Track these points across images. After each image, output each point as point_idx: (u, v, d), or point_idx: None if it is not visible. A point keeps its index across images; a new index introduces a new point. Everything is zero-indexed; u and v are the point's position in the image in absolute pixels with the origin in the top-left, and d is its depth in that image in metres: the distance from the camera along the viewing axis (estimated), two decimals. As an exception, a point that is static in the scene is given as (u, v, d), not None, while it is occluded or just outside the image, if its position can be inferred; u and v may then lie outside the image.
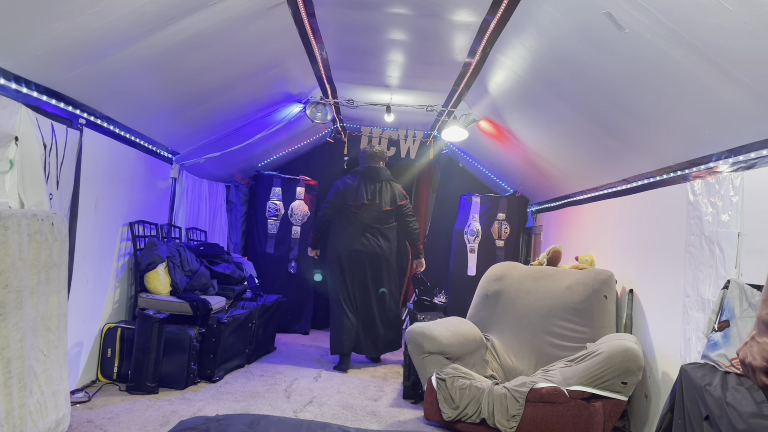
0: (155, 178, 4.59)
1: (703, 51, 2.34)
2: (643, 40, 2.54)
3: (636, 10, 2.41)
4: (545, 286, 4.04)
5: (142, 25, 2.82)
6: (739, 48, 2.20)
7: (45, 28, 2.49)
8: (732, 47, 2.22)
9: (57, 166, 3.08)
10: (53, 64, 2.80)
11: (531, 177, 5.63)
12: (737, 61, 2.28)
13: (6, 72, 2.58)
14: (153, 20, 2.82)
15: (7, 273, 2.38)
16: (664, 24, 2.37)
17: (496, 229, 5.97)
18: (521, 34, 3.32)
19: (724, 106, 2.56)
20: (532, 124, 4.57)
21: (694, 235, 3.01)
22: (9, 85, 2.61)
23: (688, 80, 2.59)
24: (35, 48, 2.61)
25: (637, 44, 2.60)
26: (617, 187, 4.04)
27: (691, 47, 2.36)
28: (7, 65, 2.57)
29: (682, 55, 2.44)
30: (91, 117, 3.42)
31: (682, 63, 2.49)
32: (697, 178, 3.04)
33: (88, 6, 2.46)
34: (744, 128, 2.58)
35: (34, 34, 2.50)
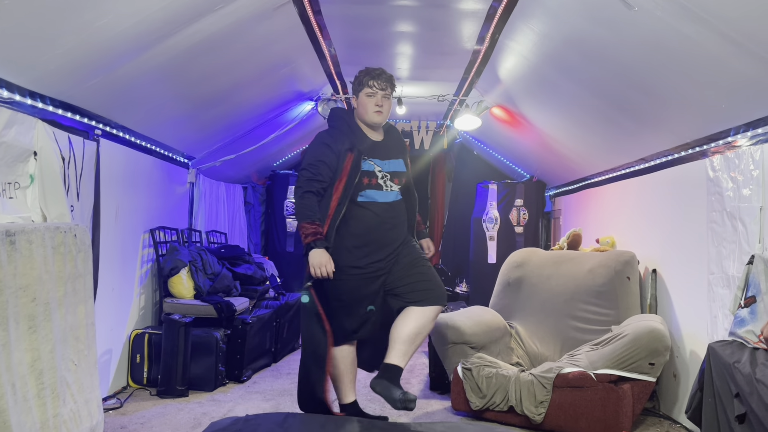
0: (173, 183, 4.64)
1: (715, 25, 2.30)
2: (654, 17, 2.51)
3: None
4: (567, 270, 4.02)
5: (150, 33, 2.84)
6: (752, 20, 2.17)
7: (56, 43, 2.52)
8: (744, 20, 2.18)
9: (76, 178, 3.13)
10: (67, 77, 2.83)
11: (547, 161, 5.58)
12: (750, 34, 2.24)
13: (21, 88, 2.62)
14: (161, 28, 2.84)
15: (34, 286, 2.42)
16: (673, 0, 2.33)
17: (514, 215, 5.94)
18: (529, 18, 3.29)
19: (739, 79, 2.52)
20: (545, 108, 4.54)
21: (716, 212, 2.97)
22: (25, 101, 2.65)
23: (701, 55, 2.55)
24: (48, 63, 2.64)
25: (648, 22, 2.57)
26: (635, 167, 4.00)
27: (702, 22, 2.32)
28: (21, 81, 2.61)
29: (693, 31, 2.40)
30: (106, 127, 3.46)
31: (694, 38, 2.45)
32: (716, 153, 3.00)
33: (97, 18, 2.49)
34: (761, 101, 2.54)
35: (47, 49, 2.54)
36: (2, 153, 2.53)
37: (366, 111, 2.99)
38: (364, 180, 2.95)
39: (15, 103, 2.58)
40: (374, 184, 2.99)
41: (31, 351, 2.40)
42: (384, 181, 3.01)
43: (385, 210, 3.01)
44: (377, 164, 2.99)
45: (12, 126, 2.56)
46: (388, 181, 3.02)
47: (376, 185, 2.99)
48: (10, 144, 2.56)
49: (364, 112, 3.00)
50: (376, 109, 2.96)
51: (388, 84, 3.01)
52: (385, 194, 3.01)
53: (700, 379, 2.62)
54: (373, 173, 2.98)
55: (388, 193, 3.02)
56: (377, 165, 2.99)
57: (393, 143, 3.12)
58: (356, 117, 3.06)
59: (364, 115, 3.00)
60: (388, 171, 3.02)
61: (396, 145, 3.14)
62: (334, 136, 2.97)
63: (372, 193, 2.99)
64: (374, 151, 3.01)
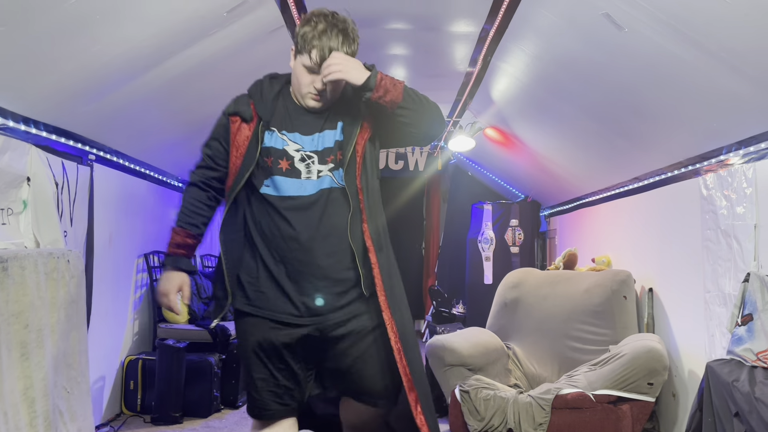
0: (167, 207, 4.63)
1: (705, 45, 2.33)
2: (643, 38, 2.54)
3: (634, 9, 2.41)
4: (563, 290, 4.01)
5: (144, 58, 2.85)
6: (741, 40, 2.19)
7: (50, 69, 2.53)
8: (733, 39, 2.21)
9: (70, 203, 3.11)
10: (60, 103, 2.84)
11: (541, 181, 5.60)
12: (739, 53, 2.26)
13: (15, 114, 2.62)
14: (155, 53, 2.86)
15: (26, 312, 2.40)
16: (662, 21, 2.36)
17: (509, 235, 5.95)
18: (521, 40, 3.32)
19: (730, 98, 2.54)
20: (539, 128, 4.56)
21: (710, 230, 2.98)
22: (18, 127, 2.65)
23: (692, 75, 2.57)
24: (42, 89, 2.65)
25: (638, 42, 2.60)
26: (629, 186, 4.02)
27: (692, 42, 2.35)
28: (15, 108, 2.61)
29: (683, 51, 2.43)
30: (100, 152, 3.45)
31: (684, 58, 2.47)
32: (709, 171, 3.02)
33: (91, 45, 2.50)
34: (752, 119, 2.56)
35: (40, 75, 2.54)
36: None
37: (299, 87, 1.90)
38: (267, 161, 1.88)
39: (8, 129, 2.58)
40: (285, 168, 1.87)
41: (23, 379, 2.36)
42: (305, 166, 1.87)
43: (303, 213, 1.86)
44: (292, 139, 1.89)
45: (5, 152, 2.56)
46: (313, 165, 1.87)
47: (288, 170, 1.87)
48: (3, 170, 2.56)
49: (297, 86, 1.92)
50: (311, 93, 1.88)
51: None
52: (302, 184, 1.87)
53: (699, 398, 2.60)
54: (283, 152, 1.87)
55: (309, 183, 1.87)
56: (292, 140, 1.89)
57: (337, 106, 1.94)
58: (291, 85, 1.97)
59: (296, 92, 1.93)
60: (313, 149, 1.88)
61: (342, 108, 1.94)
62: (237, 102, 1.99)
63: (280, 181, 1.87)
64: (290, 120, 1.92)
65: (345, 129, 1.92)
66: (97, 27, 2.43)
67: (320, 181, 1.88)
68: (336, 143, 1.90)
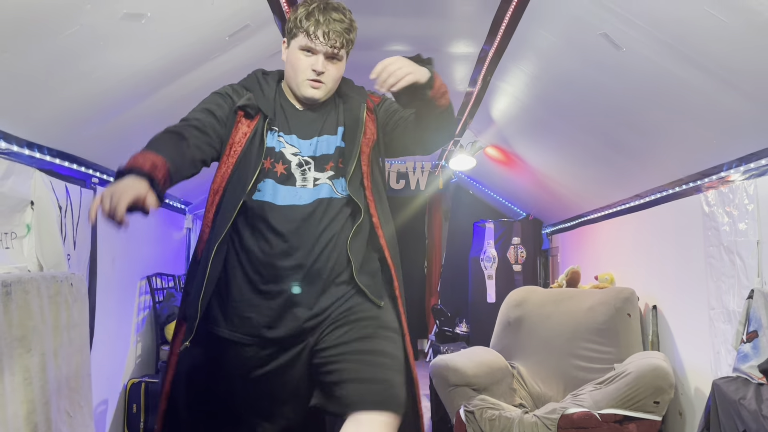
0: (170, 229, 4.64)
1: (702, 63, 2.35)
2: (641, 57, 2.56)
3: (631, 29, 2.44)
4: (567, 308, 4.00)
5: (148, 82, 2.88)
6: (738, 57, 2.21)
7: (54, 94, 2.56)
8: (730, 57, 2.23)
9: (73, 226, 3.13)
10: (64, 127, 2.86)
11: (543, 199, 5.61)
12: (737, 71, 2.28)
13: (19, 139, 2.64)
14: (158, 77, 2.89)
15: (29, 337, 2.40)
16: (660, 40, 2.39)
17: (512, 253, 5.94)
18: (520, 60, 3.35)
19: (728, 115, 2.55)
20: (539, 147, 4.58)
21: (713, 246, 2.98)
22: (22, 152, 2.67)
23: (690, 93, 2.59)
24: (46, 113, 2.67)
25: (636, 61, 2.62)
26: (630, 203, 4.02)
27: (689, 60, 2.37)
28: (19, 132, 2.63)
29: (681, 69, 2.45)
30: (103, 175, 3.47)
31: (682, 76, 2.49)
32: (710, 188, 3.02)
33: (94, 70, 2.53)
34: (751, 136, 2.57)
35: (44, 100, 2.57)
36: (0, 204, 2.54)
37: (295, 76, 1.72)
38: (265, 163, 1.69)
39: (12, 153, 2.60)
40: (279, 173, 1.69)
41: (26, 403, 2.35)
42: (301, 172, 1.70)
43: (297, 225, 1.67)
44: (289, 142, 1.72)
45: (9, 176, 2.58)
46: (309, 172, 1.70)
47: (283, 176, 1.69)
48: (7, 194, 2.57)
49: (292, 76, 1.74)
50: (310, 77, 1.69)
51: (340, 36, 1.68)
52: (297, 192, 1.69)
53: (706, 416, 2.57)
54: (280, 155, 1.70)
55: (305, 192, 1.69)
56: (289, 143, 1.72)
57: (336, 111, 1.79)
58: (285, 80, 1.81)
59: (292, 83, 1.75)
60: (311, 154, 1.72)
61: (341, 114, 1.78)
62: (236, 90, 1.82)
63: (274, 187, 1.68)
64: (287, 121, 1.75)
65: (346, 135, 1.76)
66: (102, 52, 2.46)
67: (317, 190, 1.71)
68: (336, 150, 1.74)
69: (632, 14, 2.37)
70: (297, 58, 1.71)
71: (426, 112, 1.68)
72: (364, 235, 1.76)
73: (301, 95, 1.74)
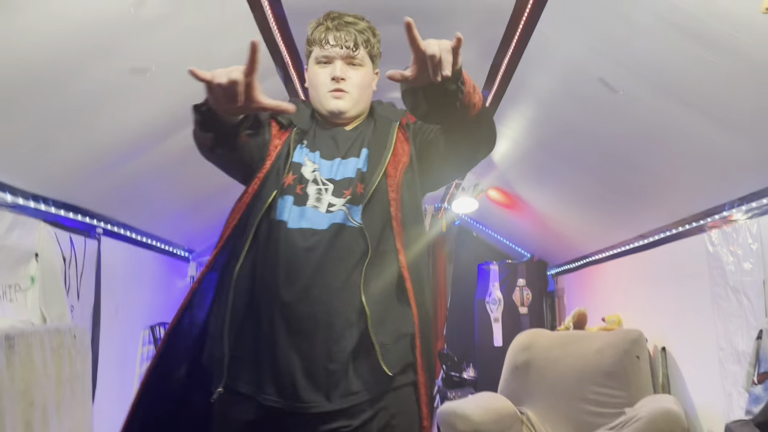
0: (173, 277, 4.64)
1: (698, 104, 2.38)
2: (638, 100, 2.60)
3: (626, 73, 2.48)
4: (574, 351, 3.95)
5: (153, 133, 2.93)
6: (733, 98, 2.24)
7: (61, 146, 2.60)
8: (725, 98, 2.26)
9: (77, 277, 3.13)
10: (70, 179, 2.89)
11: (546, 240, 5.61)
12: (733, 111, 2.31)
13: (24, 192, 2.67)
14: (164, 128, 2.93)
15: (32, 390, 2.38)
16: (655, 83, 2.43)
17: (517, 295, 5.90)
18: (518, 104, 3.40)
19: (727, 154, 2.57)
20: (541, 189, 4.60)
21: (719, 286, 2.96)
22: (28, 204, 2.69)
23: (688, 134, 2.61)
24: (51, 166, 2.70)
25: (633, 104, 2.66)
26: (634, 243, 4.01)
27: (684, 102, 2.40)
28: (26, 185, 2.66)
29: (677, 111, 2.48)
30: (108, 225, 3.49)
31: (679, 118, 2.52)
32: (713, 228, 3.02)
33: (102, 122, 2.57)
34: (751, 175, 2.59)
35: (50, 152, 2.61)
36: (4, 256, 2.55)
37: (317, 92, 1.56)
38: (286, 179, 1.48)
39: (18, 206, 2.62)
40: (298, 191, 1.47)
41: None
42: (316, 192, 1.47)
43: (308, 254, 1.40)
44: (311, 158, 1.52)
45: (14, 229, 2.60)
46: (324, 194, 1.47)
47: (300, 196, 1.46)
48: (12, 247, 2.58)
49: (315, 94, 1.57)
50: (331, 88, 1.53)
51: (353, 36, 1.52)
52: (313, 215, 1.44)
53: (721, 462, 2.51)
54: (301, 171, 1.49)
55: (318, 216, 1.44)
56: (311, 160, 1.51)
57: (367, 132, 1.57)
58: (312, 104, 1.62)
59: (316, 103, 1.58)
60: (330, 177, 1.49)
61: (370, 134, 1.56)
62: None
63: (289, 206, 1.45)
64: (318, 139, 1.55)
65: (371, 157, 1.50)
66: (108, 106, 2.51)
67: (332, 216, 1.44)
68: (358, 173, 1.49)
69: (627, 59, 2.42)
70: (315, 73, 1.56)
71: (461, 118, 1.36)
72: (388, 277, 1.42)
73: (326, 111, 1.56)
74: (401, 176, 1.50)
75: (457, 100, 1.28)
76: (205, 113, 1.38)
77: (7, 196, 2.55)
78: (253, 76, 1.25)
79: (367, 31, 1.56)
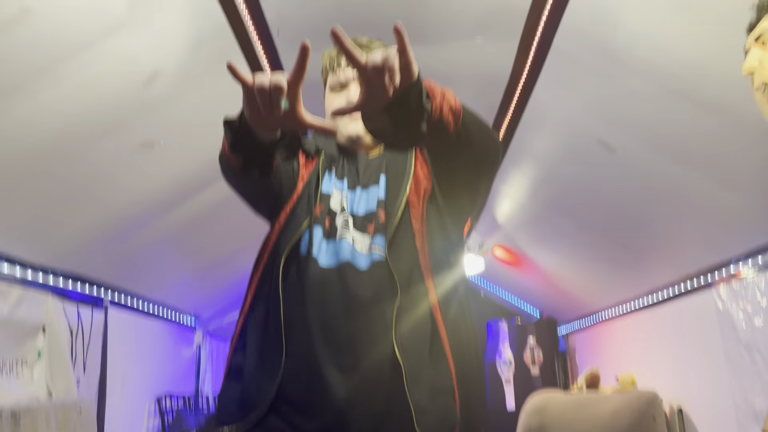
0: (180, 346, 4.60)
1: (697, 162, 2.41)
2: (637, 159, 2.64)
3: (624, 133, 2.53)
4: (589, 414, 3.85)
5: (160, 203, 2.97)
6: (731, 155, 2.28)
7: (70, 219, 2.64)
8: (722, 156, 2.30)
9: (83, 350, 3.11)
10: (78, 251, 2.92)
11: (555, 298, 5.56)
12: (731, 168, 2.34)
13: (34, 265, 2.70)
14: (170, 198, 2.98)
15: (35, 469, 2.33)
16: (653, 142, 2.47)
17: (528, 355, 5.80)
18: (519, 164, 3.45)
19: (728, 210, 2.59)
20: (546, 246, 4.60)
21: (732, 344, 2.91)
22: (36, 278, 2.71)
23: (688, 190, 2.64)
24: (60, 239, 2.74)
25: (632, 163, 2.69)
26: (644, 300, 3.98)
27: (683, 161, 2.44)
28: (34, 257, 2.69)
29: (676, 169, 2.52)
30: (115, 295, 3.50)
31: (678, 175, 2.55)
32: (722, 283, 3.00)
33: (108, 195, 2.62)
34: (755, 230, 2.59)
35: (60, 225, 2.64)
36: (12, 331, 2.55)
37: (334, 120, 1.41)
38: (315, 210, 1.32)
39: (27, 280, 2.64)
40: (326, 225, 1.31)
41: None
42: (343, 225, 1.30)
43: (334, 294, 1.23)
44: (339, 188, 1.36)
45: (22, 303, 2.61)
46: (351, 228, 1.29)
47: (327, 229, 1.30)
48: (20, 322, 2.59)
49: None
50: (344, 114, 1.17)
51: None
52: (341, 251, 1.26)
53: None
54: (329, 203, 1.34)
55: (347, 252, 1.26)
56: (338, 189, 1.36)
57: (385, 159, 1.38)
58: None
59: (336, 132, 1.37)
60: (354, 209, 1.32)
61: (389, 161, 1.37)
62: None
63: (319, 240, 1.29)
64: (346, 166, 1.40)
65: (389, 184, 1.33)
66: (117, 178, 2.56)
67: (359, 252, 1.27)
68: (379, 203, 1.31)
69: (624, 120, 2.47)
70: (330, 102, 1.43)
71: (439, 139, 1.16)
72: (419, 322, 1.22)
73: (346, 138, 1.40)
74: (425, 205, 1.31)
75: (424, 113, 1.07)
76: (237, 129, 1.18)
77: (16, 269, 2.57)
78: (300, 84, 1.06)
79: (371, 45, 1.41)
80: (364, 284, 1.22)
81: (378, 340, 1.19)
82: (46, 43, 1.81)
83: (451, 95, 1.13)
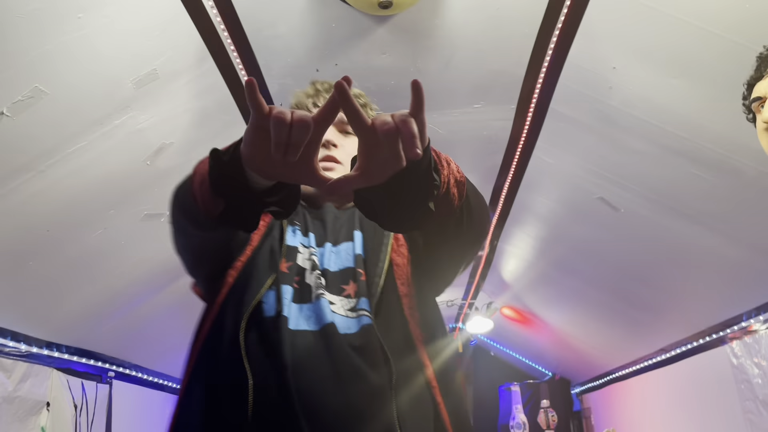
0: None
1: (699, 219, 2.41)
2: (640, 217, 2.64)
3: (625, 192, 2.54)
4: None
5: (162, 275, 2.97)
6: (732, 212, 2.28)
7: (74, 295, 2.64)
8: (725, 213, 2.30)
9: (88, 424, 3.06)
10: (82, 325, 2.91)
11: (567, 357, 5.46)
12: (734, 224, 2.34)
13: (39, 340, 2.68)
14: (172, 270, 2.98)
15: None
16: (654, 200, 2.48)
17: (542, 418, 5.65)
18: (523, 224, 3.46)
19: (737, 265, 2.57)
20: (555, 305, 4.56)
21: (749, 400, 2.84)
22: (41, 353, 2.69)
23: (694, 247, 2.63)
24: (65, 313, 2.73)
25: (636, 221, 2.70)
26: (657, 358, 3.91)
27: (686, 217, 2.44)
28: (39, 333, 2.68)
29: (680, 226, 2.52)
30: (119, 368, 3.46)
31: (683, 232, 2.55)
32: (734, 339, 2.95)
33: (114, 268, 2.63)
34: (763, 284, 2.57)
35: (64, 301, 2.64)
36: (16, 408, 2.51)
37: None
38: (282, 265, 1.08)
39: (32, 355, 2.62)
40: (295, 283, 1.07)
41: None
42: (315, 284, 1.07)
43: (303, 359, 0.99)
44: (305, 243, 1.14)
45: (27, 379, 2.58)
46: (322, 287, 1.06)
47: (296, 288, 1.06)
48: (24, 398, 2.55)
49: None
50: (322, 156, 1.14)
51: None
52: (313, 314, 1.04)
53: None
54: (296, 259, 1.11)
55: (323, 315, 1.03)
56: (305, 245, 1.13)
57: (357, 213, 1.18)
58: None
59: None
60: (323, 267, 1.10)
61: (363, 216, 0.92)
62: None
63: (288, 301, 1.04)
64: (309, 220, 1.18)
65: (366, 242, 1.15)
66: (121, 251, 2.57)
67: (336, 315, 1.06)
68: (356, 259, 1.12)
69: (625, 179, 2.49)
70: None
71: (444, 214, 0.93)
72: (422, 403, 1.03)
73: (319, 195, 1.20)
74: (409, 267, 1.13)
75: (433, 188, 0.86)
76: (226, 165, 0.86)
77: (21, 345, 2.56)
78: (327, 127, 0.80)
79: (361, 97, 1.24)
80: (354, 351, 1.01)
81: (376, 415, 0.97)
82: (57, 123, 1.86)
83: (454, 164, 0.93)
